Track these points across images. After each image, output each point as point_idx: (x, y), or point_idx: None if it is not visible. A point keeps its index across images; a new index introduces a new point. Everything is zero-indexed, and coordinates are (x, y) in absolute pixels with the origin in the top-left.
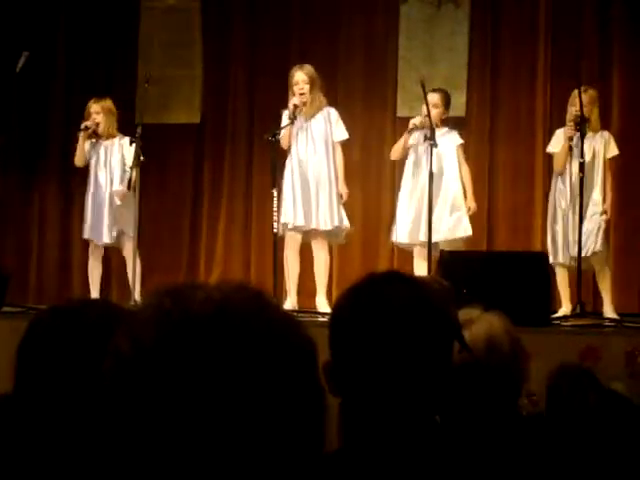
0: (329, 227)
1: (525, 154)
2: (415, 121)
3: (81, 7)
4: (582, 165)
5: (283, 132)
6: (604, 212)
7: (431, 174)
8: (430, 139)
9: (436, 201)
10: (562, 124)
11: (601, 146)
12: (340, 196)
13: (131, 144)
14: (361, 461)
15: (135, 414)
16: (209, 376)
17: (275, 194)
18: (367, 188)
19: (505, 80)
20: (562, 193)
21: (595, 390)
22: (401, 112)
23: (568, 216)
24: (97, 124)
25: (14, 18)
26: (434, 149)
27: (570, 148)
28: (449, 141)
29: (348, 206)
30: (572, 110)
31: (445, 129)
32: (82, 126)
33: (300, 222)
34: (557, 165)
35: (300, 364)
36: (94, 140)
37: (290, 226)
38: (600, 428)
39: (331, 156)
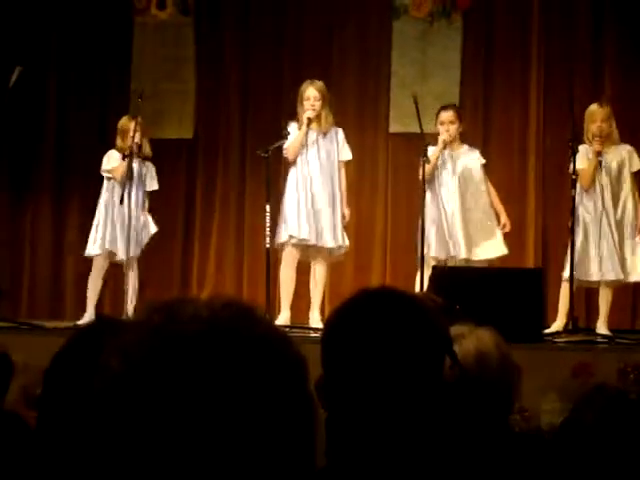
0: (332, 245)
1: (518, 171)
2: (444, 137)
3: (74, 22)
4: (610, 181)
5: (288, 143)
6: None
7: (423, 190)
8: (423, 155)
9: (464, 220)
10: (555, 141)
11: (627, 159)
12: (343, 216)
13: (124, 159)
14: (352, 476)
15: (124, 429)
16: (198, 392)
17: (268, 209)
18: (360, 204)
19: (498, 97)
20: (591, 210)
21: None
22: (394, 128)
23: (600, 234)
24: (138, 143)
25: (7, 33)
26: (458, 165)
27: (600, 163)
28: (473, 160)
29: None
30: (593, 126)
31: (466, 146)
32: (128, 145)
33: (305, 235)
34: (586, 181)
35: (290, 380)
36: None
37: (294, 240)
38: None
39: (336, 175)
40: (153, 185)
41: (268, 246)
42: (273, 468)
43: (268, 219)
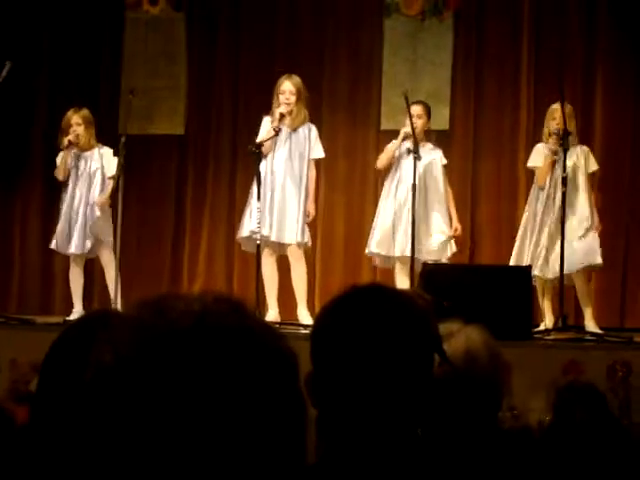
0: (293, 241)
1: (508, 167)
2: (407, 129)
3: (65, 17)
4: (565, 179)
5: (260, 138)
6: (595, 226)
7: (414, 187)
8: (414, 152)
9: (425, 217)
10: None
11: (582, 160)
12: (307, 214)
13: (115, 155)
14: (342, 473)
15: (116, 424)
16: (189, 387)
17: (258, 205)
18: (350, 200)
19: (489, 94)
20: (543, 206)
21: (593, 407)
22: (385, 125)
23: (546, 230)
24: (77, 135)
25: None
26: (417, 162)
27: (553, 162)
28: (435, 159)
29: (332, 218)
30: (552, 124)
31: (430, 145)
32: (65, 142)
33: (265, 232)
34: (540, 179)
35: (281, 375)
36: (74, 151)
37: (256, 236)
38: (591, 444)
39: (305, 172)
40: (110, 171)
41: (259, 242)
42: (263, 463)
43: (258, 215)
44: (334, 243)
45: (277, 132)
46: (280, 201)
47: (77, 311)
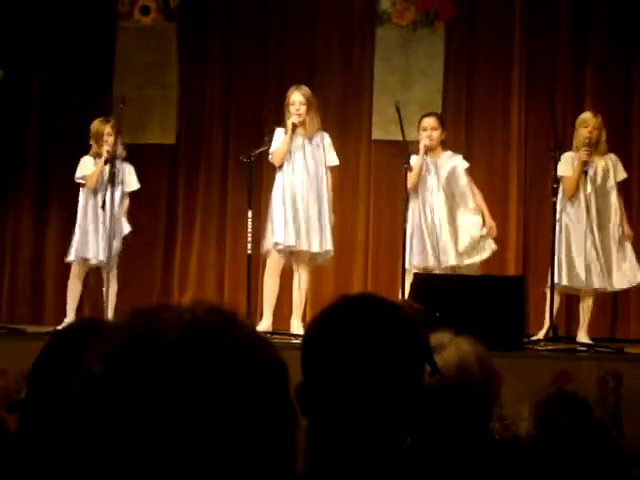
0: (319, 250)
1: (500, 177)
2: (426, 142)
3: (57, 27)
4: (597, 190)
5: (273, 148)
6: (628, 238)
7: (407, 198)
8: (405, 162)
9: (452, 225)
10: (537, 149)
11: (611, 169)
12: (330, 221)
13: (106, 164)
14: None
15: (105, 434)
16: (179, 398)
17: (250, 215)
18: (342, 211)
19: (480, 104)
20: (574, 218)
21: (578, 416)
22: (376, 135)
23: (584, 243)
24: (112, 146)
25: None
26: (441, 171)
27: (586, 173)
28: (456, 165)
29: None
30: (584, 133)
31: (449, 152)
32: (105, 153)
33: (291, 242)
34: (570, 189)
35: (271, 386)
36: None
37: (281, 246)
38: (578, 454)
39: (323, 180)
40: (133, 185)
41: (250, 252)
42: (253, 473)
43: (250, 225)
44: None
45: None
46: (302, 211)
47: (68, 321)
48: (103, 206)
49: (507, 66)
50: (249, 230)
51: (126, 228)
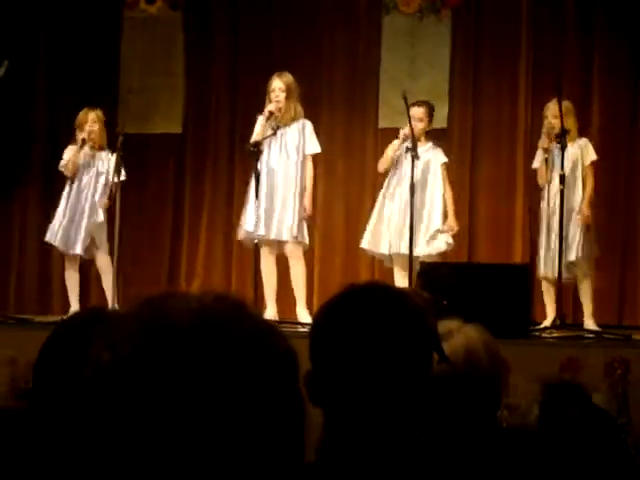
0: (289, 238)
1: (506, 166)
2: (406, 131)
3: (63, 17)
4: (563, 177)
5: (253, 137)
6: (579, 212)
7: (412, 186)
8: (412, 151)
9: (419, 215)
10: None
11: (579, 154)
12: (304, 209)
13: (112, 154)
14: (340, 472)
15: (114, 423)
16: (188, 386)
17: (257, 203)
18: (349, 199)
19: (487, 93)
20: (545, 206)
21: (581, 404)
22: (383, 124)
23: (551, 228)
24: (91, 133)
25: None
26: (416, 161)
27: (546, 160)
28: (434, 158)
29: (330, 216)
30: (544, 122)
31: (429, 144)
32: (80, 138)
33: (261, 232)
34: (539, 179)
35: (280, 374)
36: (86, 149)
37: (251, 235)
38: (583, 442)
39: (300, 168)
40: (116, 177)
41: (256, 241)
42: (262, 461)
43: (255, 215)
44: (332, 242)
45: (275, 131)
46: (275, 199)
47: (74, 311)
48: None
49: (514, 54)
50: (255, 219)
51: (100, 217)
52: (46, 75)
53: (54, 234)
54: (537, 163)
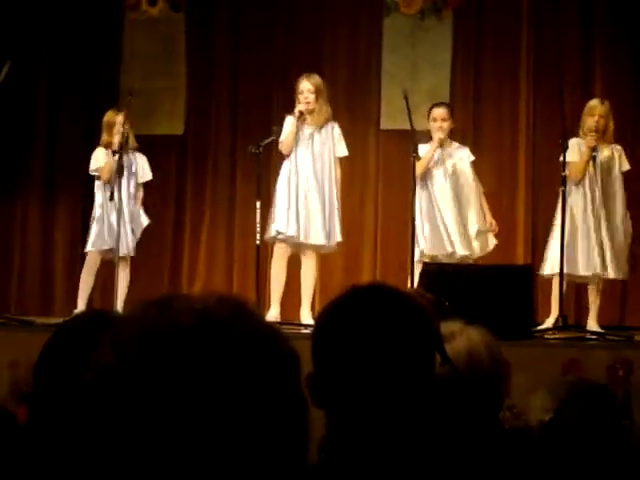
0: (321, 242)
1: (508, 165)
2: (440, 135)
3: (64, 18)
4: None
5: (282, 137)
6: (623, 222)
7: (413, 187)
8: (414, 152)
9: (459, 216)
10: (545, 137)
11: (617, 158)
12: (337, 212)
13: (114, 155)
14: (343, 473)
15: (117, 424)
16: (192, 387)
17: (258, 206)
18: (350, 200)
19: (488, 93)
20: (579, 204)
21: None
22: (385, 125)
23: (589, 228)
24: (126, 136)
25: None
26: (449, 161)
27: (594, 159)
28: (463, 157)
29: None
30: (591, 120)
31: (456, 144)
32: (116, 143)
33: (292, 233)
34: (576, 174)
35: (282, 375)
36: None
37: (281, 236)
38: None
39: (330, 170)
40: (146, 176)
41: (258, 242)
42: (265, 462)
43: (258, 215)
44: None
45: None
46: (305, 202)
47: (78, 312)
48: (111, 197)
49: (515, 54)
50: (258, 220)
51: (144, 220)
52: (47, 76)
53: (104, 236)
54: (572, 157)
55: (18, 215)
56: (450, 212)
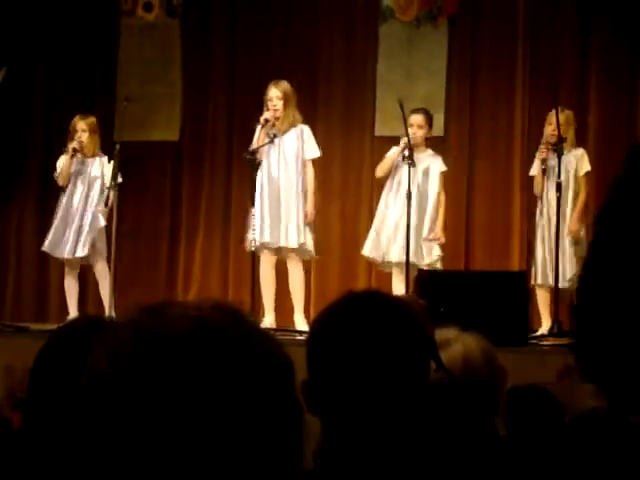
0: (296, 245)
1: (503, 174)
2: (405, 141)
3: (60, 24)
4: (559, 185)
5: (254, 146)
6: (569, 232)
7: (409, 194)
8: (409, 159)
9: (417, 222)
10: (540, 144)
11: (574, 164)
12: (305, 215)
13: (109, 162)
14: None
15: (111, 430)
16: (186, 393)
17: (253, 212)
18: (345, 206)
19: (483, 101)
20: (541, 215)
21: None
22: (380, 132)
23: (548, 237)
24: (81, 142)
25: None
26: (412, 168)
27: (544, 170)
28: (433, 165)
29: (327, 223)
30: (548, 130)
31: (430, 151)
32: (70, 148)
33: (267, 239)
34: (535, 188)
35: (277, 381)
36: (77, 157)
37: (257, 243)
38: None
39: (300, 174)
40: (109, 181)
41: (248, 249)
42: (259, 469)
43: (254, 222)
44: (329, 249)
45: (272, 139)
46: (278, 206)
47: (72, 318)
48: (106, 204)
49: (511, 62)
50: (253, 227)
51: (101, 222)
52: (44, 82)
53: (52, 242)
54: (534, 171)
55: (13, 222)
56: (400, 217)
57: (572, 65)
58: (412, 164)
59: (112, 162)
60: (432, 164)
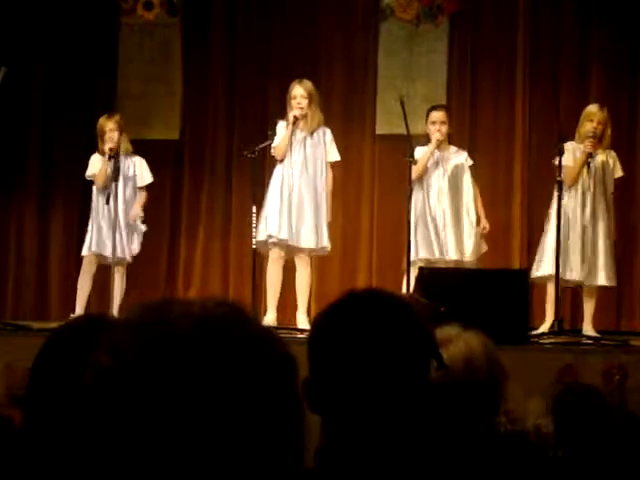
0: (312, 246)
1: (504, 171)
2: (438, 137)
3: (60, 23)
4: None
5: (275, 142)
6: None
7: (410, 191)
8: (410, 156)
9: (457, 220)
10: (541, 142)
11: (611, 165)
12: (324, 216)
13: (109, 160)
14: (339, 479)
15: (114, 427)
16: (189, 391)
17: (254, 210)
18: (346, 204)
19: (484, 98)
20: (571, 207)
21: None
22: (380, 129)
23: (580, 233)
24: (115, 142)
25: None
26: (446, 165)
27: (588, 164)
28: (462, 161)
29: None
30: (589, 126)
31: (454, 148)
32: (107, 149)
33: (284, 236)
34: (570, 178)
35: (280, 379)
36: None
37: (274, 239)
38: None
39: (321, 175)
40: (145, 180)
41: (254, 247)
42: (261, 467)
43: (254, 220)
44: (330, 247)
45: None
46: (297, 205)
47: (75, 316)
48: (107, 202)
49: (511, 60)
50: (253, 225)
51: (141, 227)
52: (44, 81)
53: (97, 242)
54: (568, 162)
55: (14, 221)
56: (445, 216)
57: (572, 62)
58: (413, 162)
59: (112, 160)
60: (463, 161)
